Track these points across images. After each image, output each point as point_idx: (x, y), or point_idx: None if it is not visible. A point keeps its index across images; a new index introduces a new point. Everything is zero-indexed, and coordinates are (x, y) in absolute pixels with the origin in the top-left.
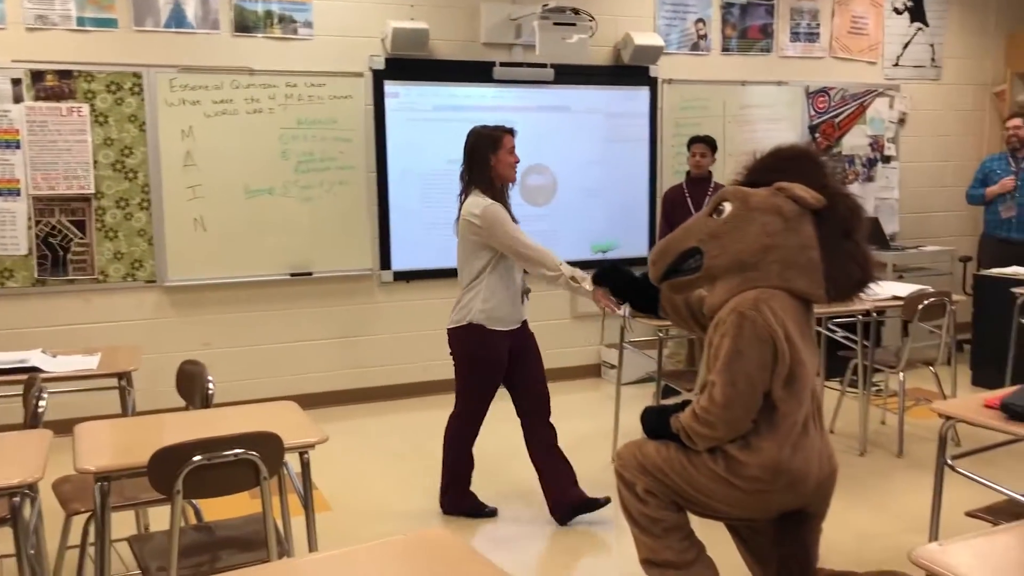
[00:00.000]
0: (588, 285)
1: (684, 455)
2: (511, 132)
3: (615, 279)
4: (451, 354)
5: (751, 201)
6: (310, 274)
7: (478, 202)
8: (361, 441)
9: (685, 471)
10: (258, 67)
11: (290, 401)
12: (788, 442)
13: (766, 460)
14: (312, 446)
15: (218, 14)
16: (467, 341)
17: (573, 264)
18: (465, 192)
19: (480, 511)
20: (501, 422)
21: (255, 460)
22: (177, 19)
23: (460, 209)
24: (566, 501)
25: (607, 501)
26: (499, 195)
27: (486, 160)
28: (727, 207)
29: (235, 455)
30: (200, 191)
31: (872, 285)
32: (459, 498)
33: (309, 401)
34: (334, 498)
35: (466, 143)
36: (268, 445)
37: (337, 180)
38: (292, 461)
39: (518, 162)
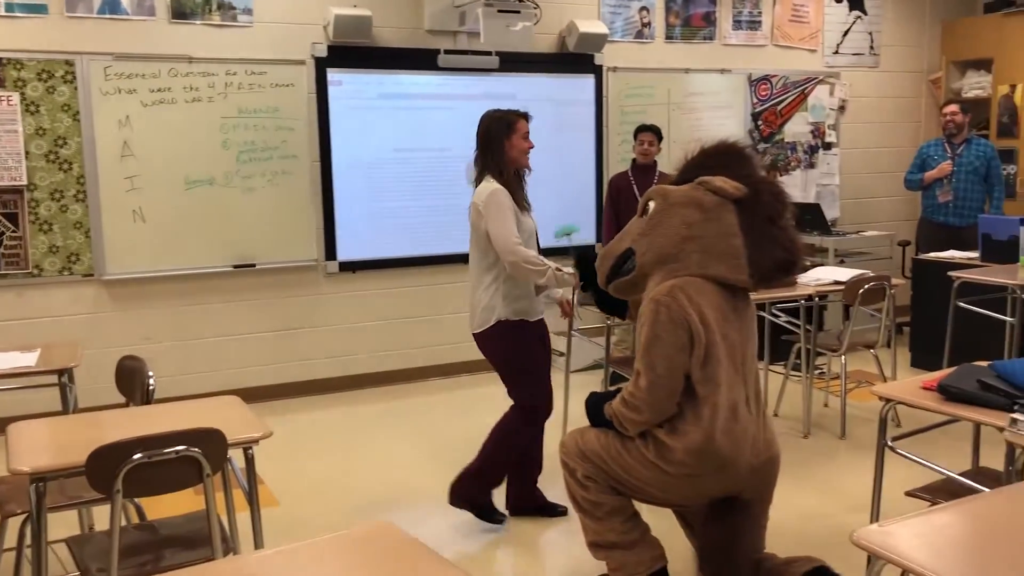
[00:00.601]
0: (571, 271)
1: (620, 442)
2: (525, 117)
3: (591, 271)
4: (488, 358)
5: (671, 196)
6: (253, 266)
7: (487, 187)
8: (308, 434)
9: (621, 457)
10: (197, 55)
11: (233, 396)
12: (715, 426)
13: (691, 444)
14: (256, 441)
15: (154, 0)
16: (502, 340)
17: None
18: (478, 178)
19: (488, 512)
20: (471, 411)
21: (197, 457)
22: (111, 5)
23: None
24: (524, 500)
25: (564, 511)
26: (512, 182)
27: (500, 145)
28: (651, 205)
29: (176, 452)
30: (138, 182)
31: (801, 267)
32: (480, 492)
33: (254, 394)
34: (281, 493)
35: (479, 127)
36: (210, 441)
37: (280, 170)
38: (236, 457)
39: (532, 148)
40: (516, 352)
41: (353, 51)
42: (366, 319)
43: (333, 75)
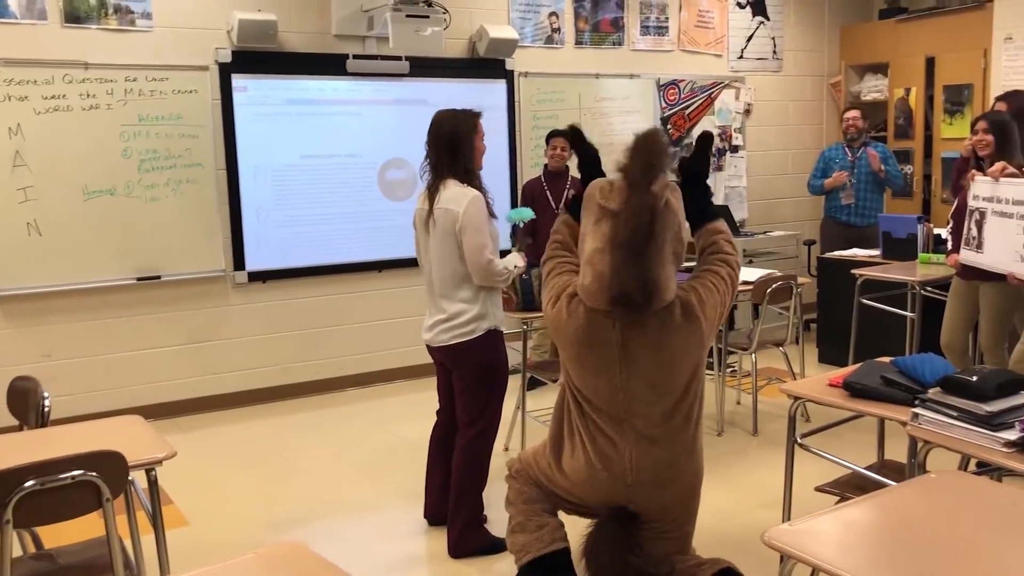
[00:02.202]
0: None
1: (543, 449)
2: (480, 116)
3: None
4: (464, 371)
5: (585, 202)
6: (158, 277)
7: (462, 192)
8: (218, 450)
9: (540, 457)
10: (93, 60)
11: (135, 415)
12: (569, 445)
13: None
14: (159, 462)
15: (45, 4)
16: (492, 350)
17: None
18: (436, 181)
19: (497, 544)
20: (388, 421)
21: (96, 481)
22: None
23: (431, 202)
24: (444, 511)
25: (485, 520)
26: (479, 186)
27: (470, 145)
28: None
29: (72, 478)
30: (32, 193)
31: (651, 304)
32: (479, 533)
33: (162, 411)
34: (191, 512)
35: (439, 128)
36: (109, 464)
37: (184, 178)
38: (140, 478)
39: (485, 150)
40: (500, 361)
41: (258, 56)
42: (277, 330)
43: (238, 81)
